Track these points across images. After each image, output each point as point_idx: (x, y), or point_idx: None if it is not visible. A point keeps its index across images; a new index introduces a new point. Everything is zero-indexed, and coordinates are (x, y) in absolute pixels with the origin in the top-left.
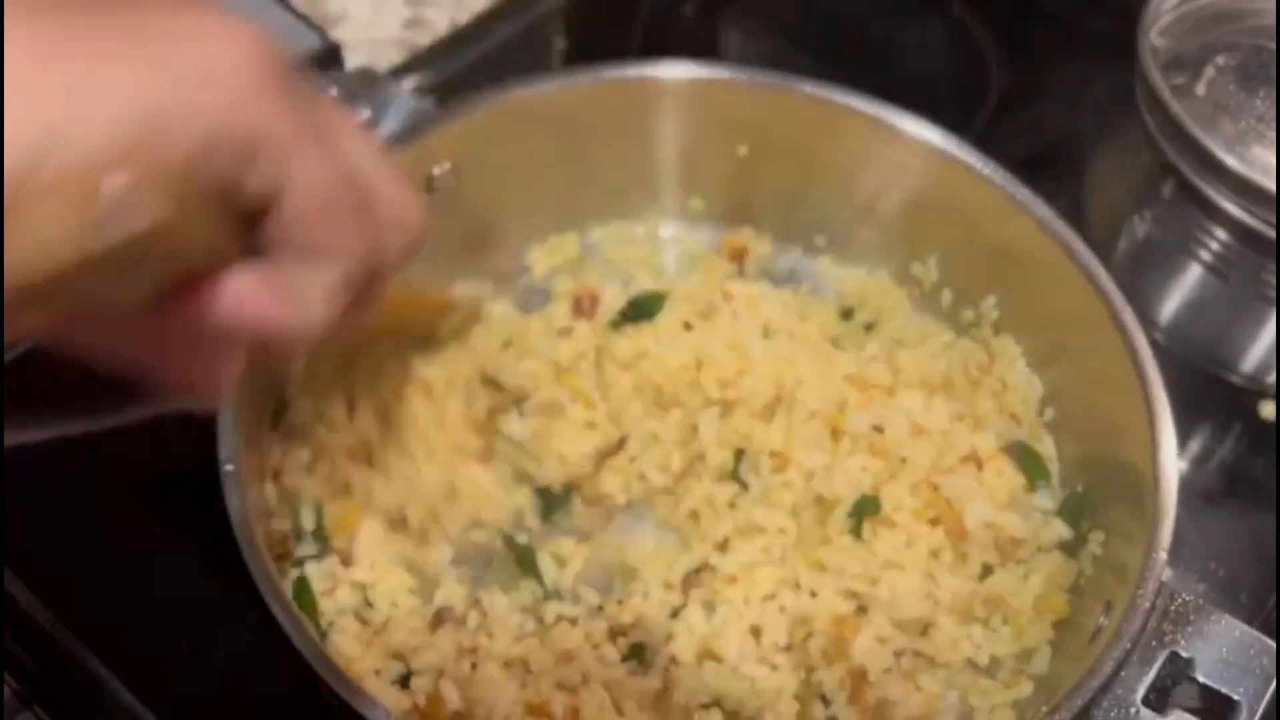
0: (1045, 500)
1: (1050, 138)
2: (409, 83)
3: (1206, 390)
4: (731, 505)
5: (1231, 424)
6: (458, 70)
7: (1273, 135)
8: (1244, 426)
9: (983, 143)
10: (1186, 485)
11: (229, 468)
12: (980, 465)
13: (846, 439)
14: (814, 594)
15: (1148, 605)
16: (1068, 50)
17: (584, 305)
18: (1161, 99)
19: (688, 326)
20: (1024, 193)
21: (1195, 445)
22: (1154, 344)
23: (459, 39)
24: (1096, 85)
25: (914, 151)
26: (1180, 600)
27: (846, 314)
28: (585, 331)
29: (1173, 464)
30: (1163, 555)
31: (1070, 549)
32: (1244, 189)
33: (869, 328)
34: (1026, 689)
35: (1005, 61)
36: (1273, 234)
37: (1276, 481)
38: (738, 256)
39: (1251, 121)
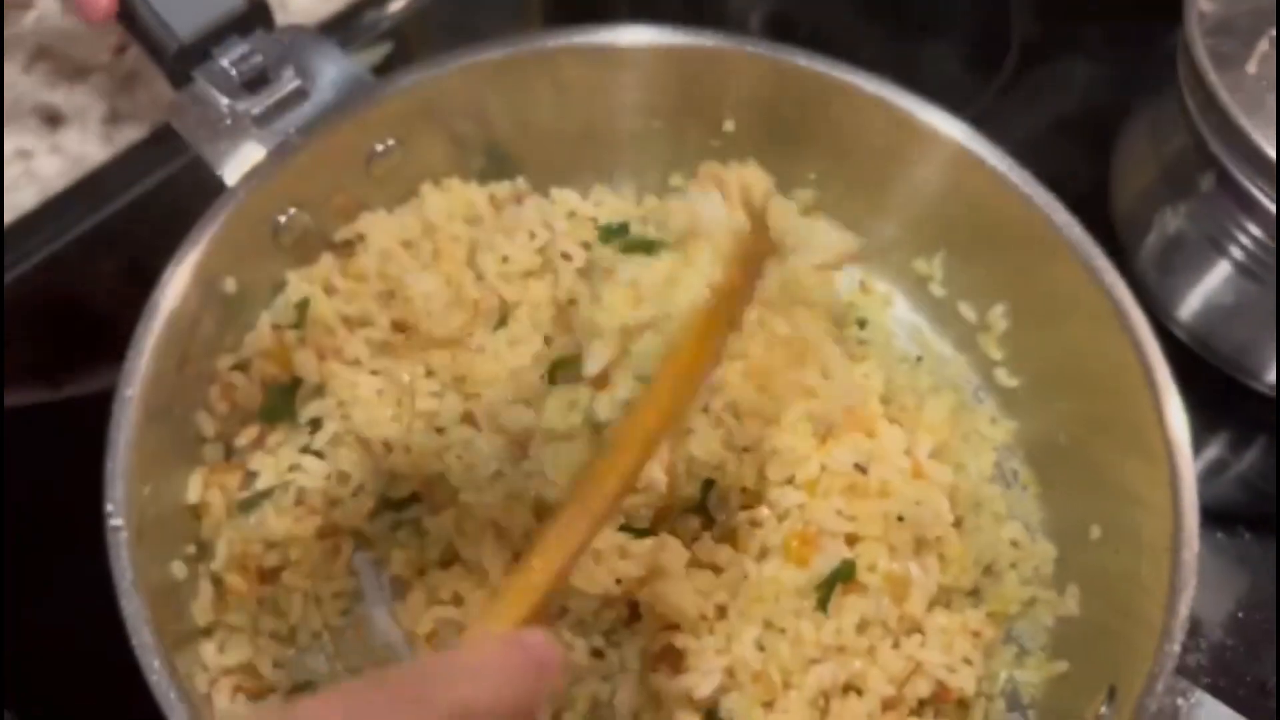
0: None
1: (1075, 104)
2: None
3: (1229, 398)
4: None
5: (1254, 436)
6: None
7: None
8: (1267, 440)
9: (1000, 101)
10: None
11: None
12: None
13: (825, 477)
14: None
15: (1155, 707)
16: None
17: None
18: (1206, 79)
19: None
20: (1043, 195)
21: (1211, 454)
22: (1174, 344)
23: None
24: (1133, 46)
25: (919, 137)
26: (1194, 699)
27: (838, 321)
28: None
29: (1193, 548)
30: (1176, 649)
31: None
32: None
33: (861, 324)
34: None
35: (1031, 7)
36: None
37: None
38: None
39: None
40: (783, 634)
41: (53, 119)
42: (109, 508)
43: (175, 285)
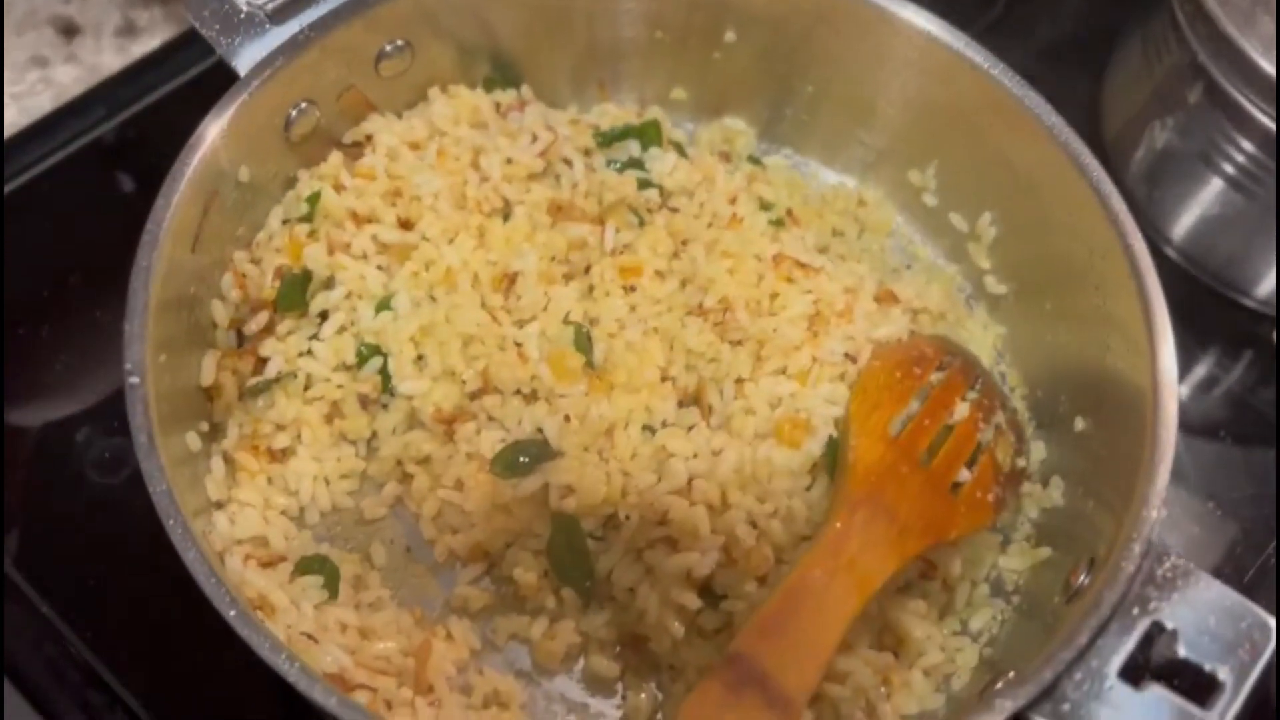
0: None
1: (1068, 30)
2: None
3: (1217, 313)
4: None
5: (1241, 351)
6: None
7: None
8: (1255, 355)
9: (995, 29)
10: (1186, 413)
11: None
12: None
13: (816, 367)
14: None
15: (1132, 569)
16: None
17: None
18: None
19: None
20: (1033, 97)
21: (1200, 371)
22: (1165, 261)
23: None
24: None
25: (916, 46)
26: (1169, 564)
27: (838, 232)
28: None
29: (1170, 425)
30: (1154, 514)
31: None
32: (1274, 96)
33: (859, 234)
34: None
35: None
36: None
37: (1277, 414)
38: (724, 158)
39: None
40: (775, 514)
41: (68, 29)
42: (127, 366)
43: (193, 161)
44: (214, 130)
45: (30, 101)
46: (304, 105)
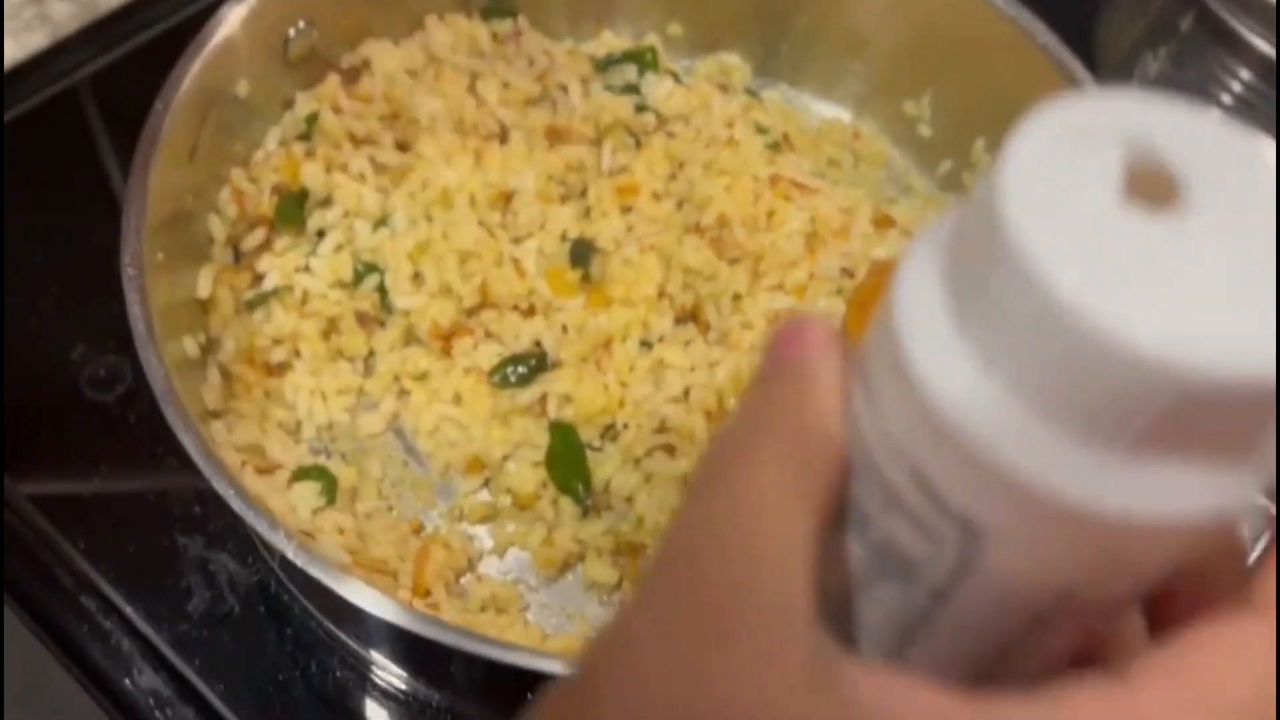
0: None
1: None
2: None
3: None
4: None
5: None
6: None
7: None
8: None
9: None
10: None
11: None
12: None
13: (813, 283)
14: None
15: None
16: None
17: None
18: None
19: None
20: (1029, 19)
21: None
22: None
23: None
24: None
25: None
26: None
27: (833, 162)
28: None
29: None
30: None
31: None
32: (1274, 21)
33: (855, 164)
34: None
35: None
36: None
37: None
38: (720, 89)
39: None
40: None
41: None
42: (125, 259)
43: (193, 69)
44: (215, 39)
45: (27, 38)
46: (302, 25)
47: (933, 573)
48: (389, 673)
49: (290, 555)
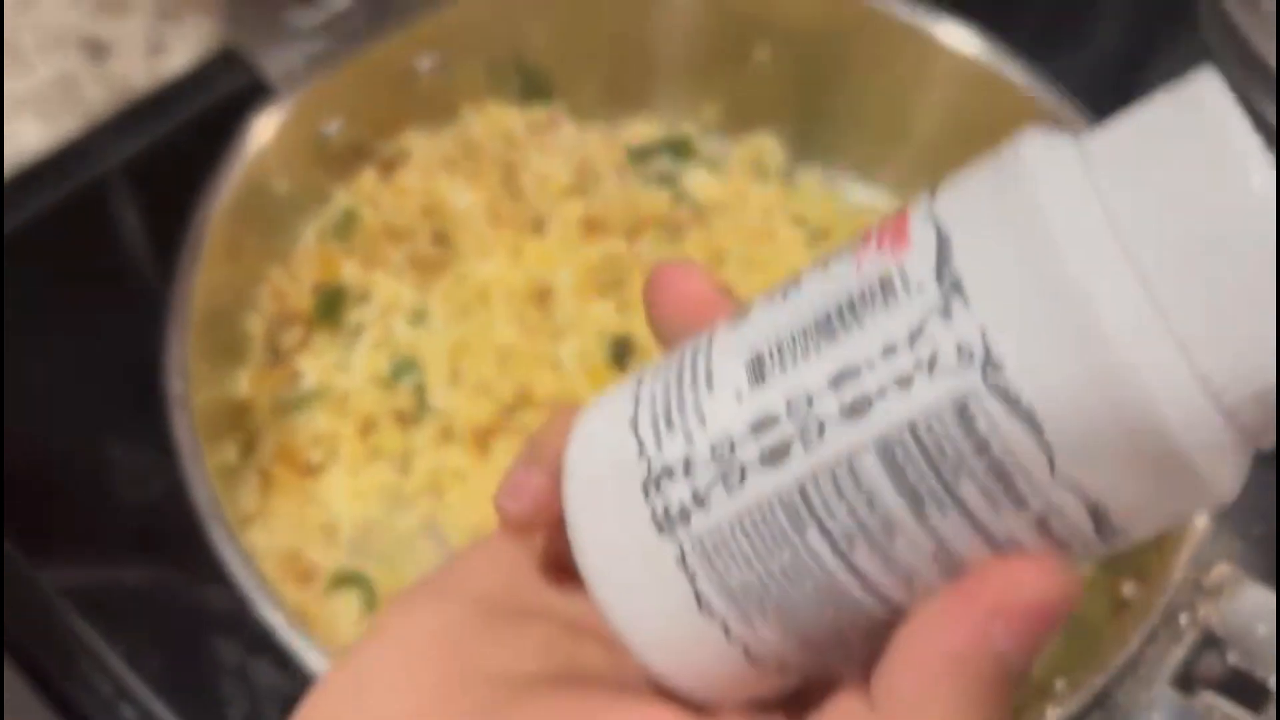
0: None
1: (1096, 54)
2: None
3: None
4: None
5: None
6: None
7: None
8: None
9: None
10: None
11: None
12: None
13: None
14: None
15: (1179, 577)
16: None
17: None
18: (1222, 6)
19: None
20: (1070, 108)
21: None
22: None
23: None
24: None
25: (955, 63)
26: (1216, 570)
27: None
28: None
29: None
30: (1200, 523)
31: None
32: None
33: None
34: None
35: None
36: None
37: None
38: (756, 174)
39: None
40: None
41: (97, 48)
42: (170, 372)
43: (234, 173)
44: (255, 143)
45: (59, 122)
46: (339, 123)
47: None
48: None
49: None
